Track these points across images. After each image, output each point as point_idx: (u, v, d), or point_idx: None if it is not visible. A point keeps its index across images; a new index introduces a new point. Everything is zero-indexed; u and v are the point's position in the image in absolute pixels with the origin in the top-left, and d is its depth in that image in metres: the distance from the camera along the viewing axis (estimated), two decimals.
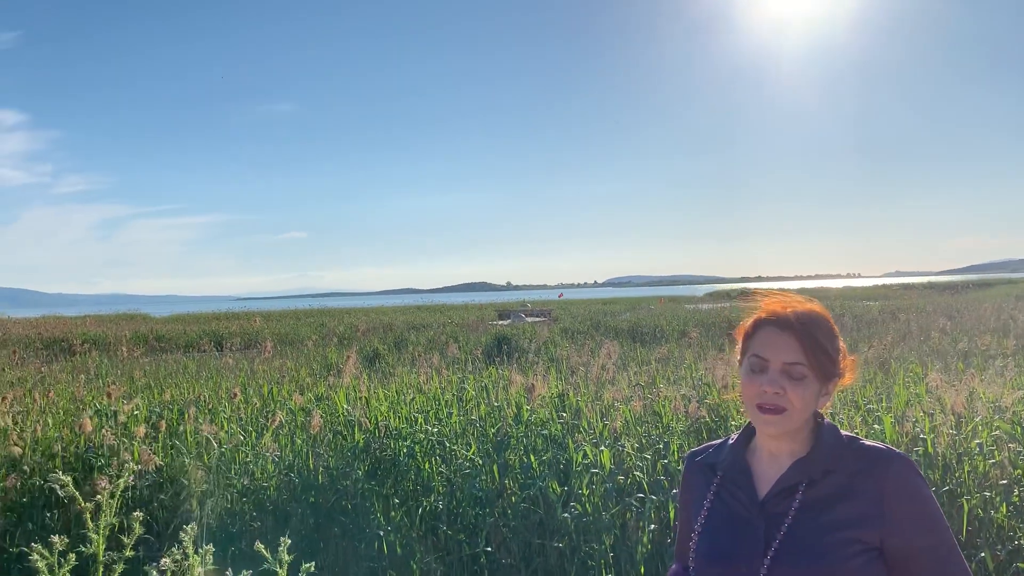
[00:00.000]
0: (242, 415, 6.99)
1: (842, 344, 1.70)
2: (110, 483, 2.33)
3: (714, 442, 1.85)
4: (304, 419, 6.31)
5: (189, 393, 8.10)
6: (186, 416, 6.70)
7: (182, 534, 2.24)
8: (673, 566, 1.85)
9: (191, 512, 5.38)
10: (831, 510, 1.56)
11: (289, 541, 2.37)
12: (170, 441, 6.21)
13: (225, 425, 6.35)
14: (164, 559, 2.10)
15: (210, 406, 7.30)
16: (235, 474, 5.55)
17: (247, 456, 5.82)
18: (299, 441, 5.89)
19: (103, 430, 6.23)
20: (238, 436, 6.13)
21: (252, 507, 5.40)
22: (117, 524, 2.37)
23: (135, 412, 6.87)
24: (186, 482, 5.60)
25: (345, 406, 6.23)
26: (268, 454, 5.69)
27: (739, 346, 1.74)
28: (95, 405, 7.21)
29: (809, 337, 1.61)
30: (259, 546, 2.37)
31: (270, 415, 6.72)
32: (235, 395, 7.31)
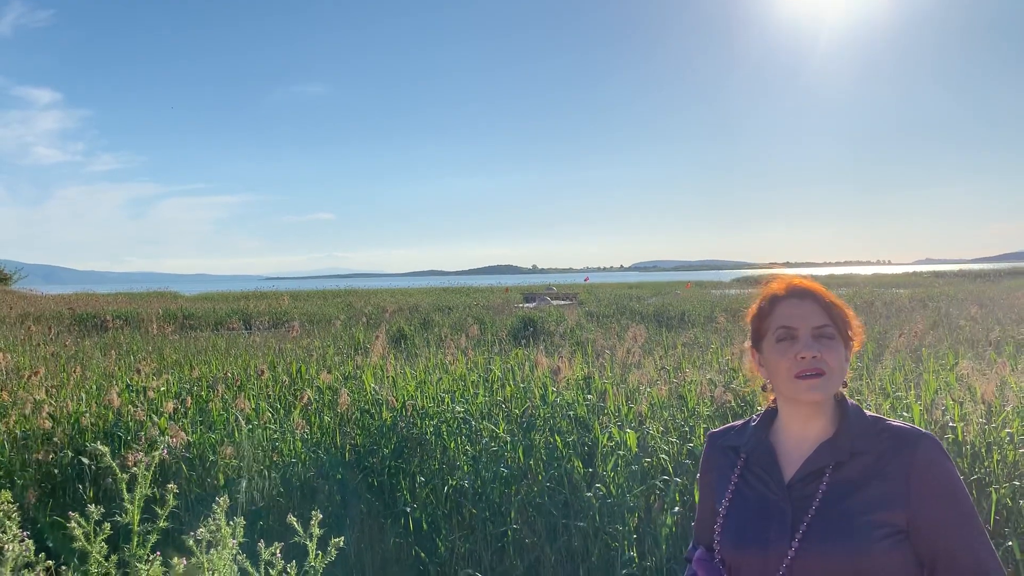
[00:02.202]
0: (270, 392, 7.09)
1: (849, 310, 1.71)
2: (145, 455, 2.37)
3: (735, 423, 1.84)
4: (332, 397, 6.38)
5: (218, 370, 8.21)
6: (215, 393, 6.80)
7: (214, 506, 2.29)
8: (691, 547, 1.85)
9: (220, 486, 5.48)
10: (858, 492, 1.56)
11: (320, 516, 2.42)
12: (199, 417, 6.31)
13: (254, 402, 6.44)
14: (200, 529, 2.15)
15: (238, 383, 7.41)
16: (263, 450, 5.63)
17: (275, 433, 5.91)
18: (327, 419, 5.96)
19: (133, 406, 6.35)
20: (267, 413, 6.22)
21: (280, 483, 5.48)
22: (150, 495, 2.43)
23: (164, 388, 6.99)
24: (215, 457, 5.70)
25: (372, 385, 6.29)
26: (296, 431, 5.77)
27: (751, 331, 1.75)
28: (125, 380, 7.35)
29: (827, 301, 1.66)
30: (291, 519, 2.42)
31: (298, 393, 6.81)
32: (262, 373, 7.40)
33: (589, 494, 4.65)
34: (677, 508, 4.44)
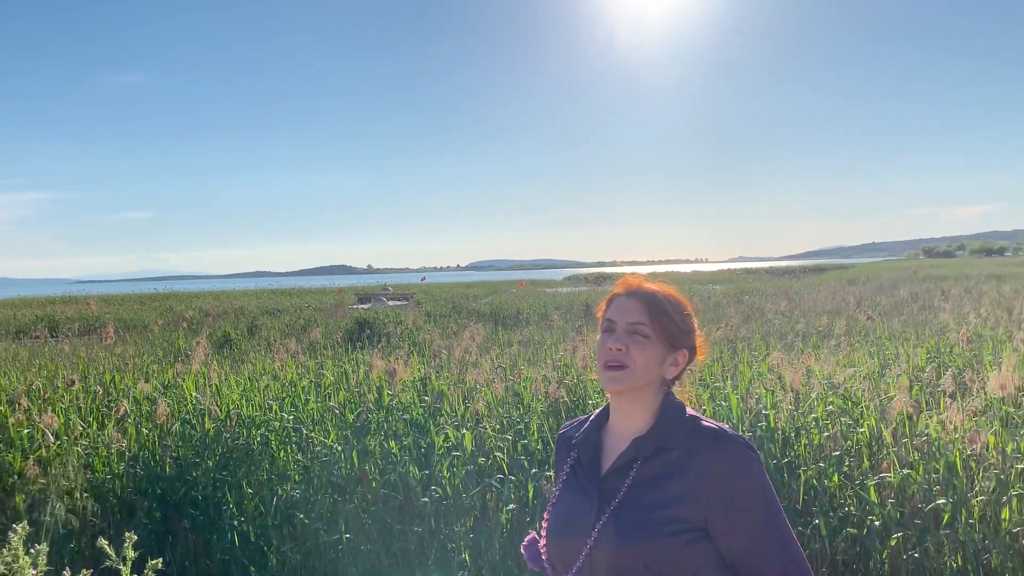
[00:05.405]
0: (82, 405, 6.56)
1: (695, 323, 1.78)
2: None
3: (582, 417, 1.90)
4: (150, 408, 5.99)
5: (20, 382, 7.50)
6: (17, 407, 6.21)
7: (11, 534, 2.07)
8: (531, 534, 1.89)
9: (21, 510, 5.01)
10: (659, 488, 1.60)
11: (135, 537, 2.24)
12: None
13: (63, 416, 5.93)
14: None
15: (45, 395, 6.80)
16: (73, 468, 5.21)
17: (87, 448, 5.48)
18: (145, 431, 5.60)
19: None
20: (78, 427, 5.76)
21: (93, 502, 5.09)
22: None
23: None
24: (15, 478, 5.21)
25: (194, 394, 5.96)
26: (112, 445, 5.38)
27: (599, 324, 1.80)
28: None
29: (652, 301, 1.71)
30: (102, 542, 2.23)
31: (113, 404, 6.34)
32: (73, 383, 6.84)
33: (425, 499, 4.61)
34: (512, 506, 4.48)
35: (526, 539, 1.80)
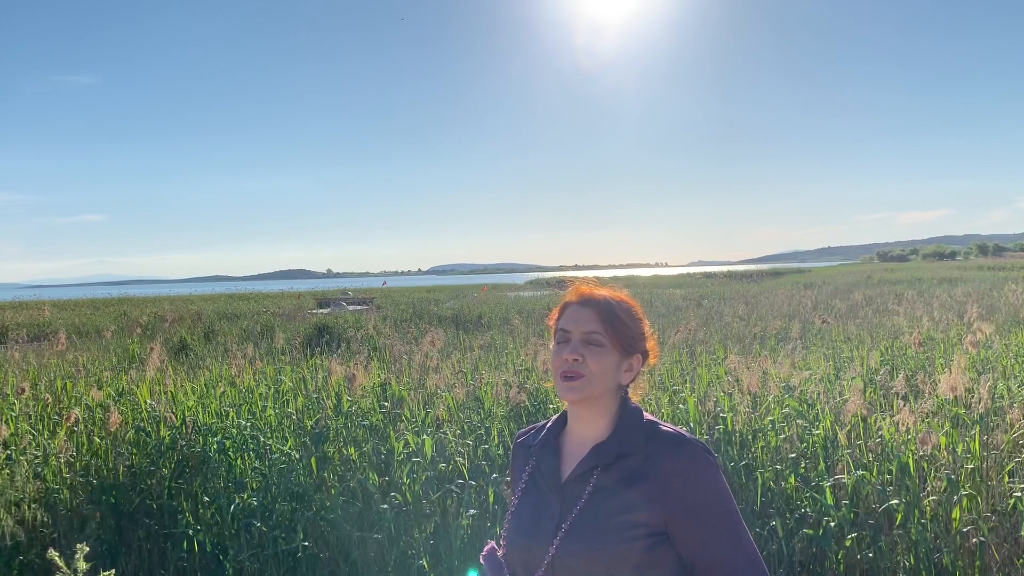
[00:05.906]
0: (31, 413, 6.40)
1: (646, 327, 1.79)
2: None
3: (538, 424, 1.90)
4: (103, 416, 5.87)
5: None
6: None
7: None
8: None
9: None
10: (620, 494, 1.62)
11: (87, 548, 2.19)
12: None
13: (12, 424, 5.79)
14: None
15: None
16: (22, 477, 5.08)
17: (37, 457, 5.35)
18: (97, 440, 5.49)
19: None
20: (27, 436, 5.62)
21: (43, 512, 4.97)
22: None
23: None
24: None
25: (148, 401, 5.85)
26: (61, 455, 5.26)
27: (552, 332, 1.81)
28: None
29: (607, 310, 1.71)
30: (52, 554, 2.18)
31: (64, 412, 6.20)
32: (23, 391, 6.67)
33: (385, 505, 4.57)
34: (472, 511, 4.47)
35: (485, 549, 1.79)
